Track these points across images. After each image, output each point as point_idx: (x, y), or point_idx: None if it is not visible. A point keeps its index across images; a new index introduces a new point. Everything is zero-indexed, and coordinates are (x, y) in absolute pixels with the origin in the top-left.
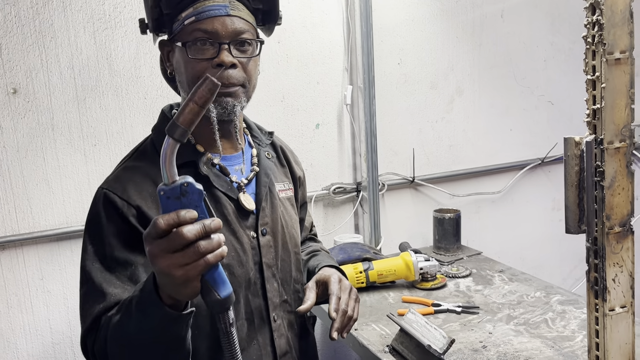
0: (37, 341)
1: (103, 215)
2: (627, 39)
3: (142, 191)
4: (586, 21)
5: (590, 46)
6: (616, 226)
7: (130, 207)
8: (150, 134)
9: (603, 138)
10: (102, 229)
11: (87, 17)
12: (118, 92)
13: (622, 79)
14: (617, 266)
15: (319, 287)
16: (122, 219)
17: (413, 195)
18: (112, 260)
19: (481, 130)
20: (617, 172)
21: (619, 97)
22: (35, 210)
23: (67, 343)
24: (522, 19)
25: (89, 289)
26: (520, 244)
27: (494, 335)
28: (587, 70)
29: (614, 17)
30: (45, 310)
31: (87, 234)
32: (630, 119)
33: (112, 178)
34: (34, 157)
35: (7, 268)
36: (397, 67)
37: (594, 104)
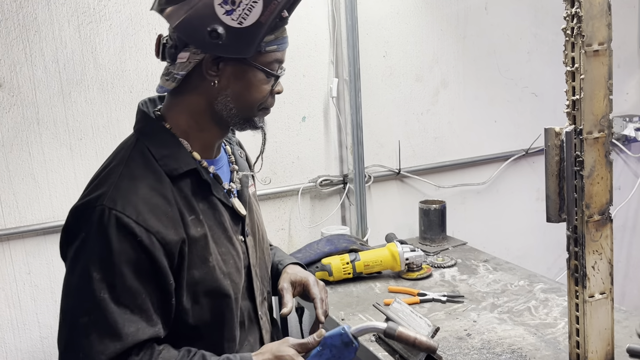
0: (25, 335)
1: (115, 241)
2: (605, 30)
3: (155, 211)
4: (565, 13)
5: (570, 38)
6: (595, 214)
7: (150, 235)
8: (132, 135)
9: (582, 128)
10: (113, 256)
11: (72, 10)
12: (103, 86)
13: (601, 71)
14: (596, 254)
15: (295, 287)
16: (142, 249)
17: (399, 187)
18: (124, 290)
19: (466, 122)
20: (596, 162)
21: (598, 88)
22: (21, 204)
23: (55, 337)
24: (505, 11)
25: (97, 321)
26: (505, 234)
27: (478, 323)
28: (567, 62)
29: (593, 10)
30: (33, 304)
31: (89, 258)
32: (608, 110)
33: (116, 194)
34: (19, 151)
35: None
36: (382, 60)
37: (574, 95)
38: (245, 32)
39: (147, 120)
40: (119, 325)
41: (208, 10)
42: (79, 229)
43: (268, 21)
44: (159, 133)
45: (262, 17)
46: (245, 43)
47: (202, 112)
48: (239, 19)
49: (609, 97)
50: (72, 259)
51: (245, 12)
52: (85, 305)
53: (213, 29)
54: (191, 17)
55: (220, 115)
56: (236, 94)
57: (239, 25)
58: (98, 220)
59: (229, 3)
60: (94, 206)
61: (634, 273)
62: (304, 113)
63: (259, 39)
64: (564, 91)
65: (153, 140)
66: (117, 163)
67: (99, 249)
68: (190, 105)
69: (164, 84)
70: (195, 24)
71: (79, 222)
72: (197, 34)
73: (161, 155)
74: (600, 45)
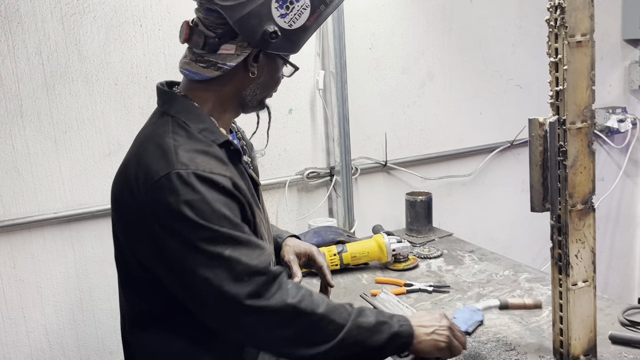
0: (10, 330)
1: (205, 192)
2: (588, 22)
3: (219, 165)
4: (549, 4)
5: (553, 29)
6: (578, 204)
7: (227, 179)
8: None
9: (566, 119)
10: (212, 206)
11: (55, 1)
12: (88, 79)
13: (584, 61)
14: (579, 242)
15: (300, 258)
16: (225, 191)
17: (386, 179)
18: (235, 226)
19: (451, 114)
20: (579, 152)
21: (581, 79)
22: (5, 198)
23: (41, 331)
24: (491, 4)
25: (239, 248)
26: (491, 225)
27: None
28: (550, 53)
29: (576, 1)
30: (19, 299)
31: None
32: (591, 100)
33: (181, 158)
34: (3, 144)
35: None
36: (368, 52)
37: (557, 86)
38: (294, 33)
39: (177, 99)
40: (252, 240)
41: (265, 12)
42: (166, 198)
43: (312, 26)
44: (190, 110)
45: (308, 21)
46: (292, 43)
47: (231, 96)
48: (289, 22)
49: (591, 88)
50: (176, 223)
51: (295, 16)
52: (217, 243)
53: (269, 29)
54: (251, 15)
55: (244, 100)
56: (264, 83)
57: (289, 27)
58: (181, 183)
59: (284, 8)
60: (169, 174)
61: (617, 263)
62: (290, 105)
63: (304, 40)
64: (548, 82)
65: (188, 117)
66: (163, 137)
67: (197, 201)
68: (221, 90)
69: (200, 70)
70: (253, 22)
71: (163, 192)
72: (254, 32)
73: (200, 129)
74: (583, 37)
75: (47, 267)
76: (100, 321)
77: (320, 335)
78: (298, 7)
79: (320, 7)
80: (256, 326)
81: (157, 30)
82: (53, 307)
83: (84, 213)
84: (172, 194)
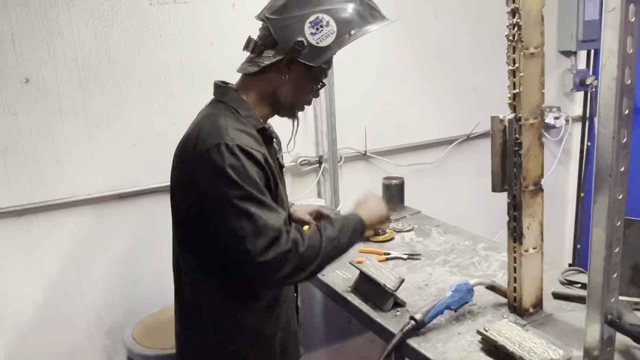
0: (51, 295)
1: (244, 160)
2: (539, 37)
3: (256, 144)
4: (508, 22)
5: (511, 43)
6: (530, 185)
7: (260, 155)
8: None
9: (521, 116)
10: (246, 170)
11: (89, 15)
12: (116, 81)
13: (536, 69)
14: (530, 217)
15: (311, 215)
16: (259, 164)
17: (365, 166)
18: (260, 191)
19: (420, 111)
20: (531, 143)
21: (533, 83)
22: (47, 182)
23: (77, 294)
24: (452, 22)
25: (260, 207)
26: (453, 203)
27: (433, 275)
28: (509, 62)
29: (530, 20)
30: (58, 267)
31: (232, 175)
32: (541, 101)
33: (230, 134)
34: (45, 136)
35: (25, 232)
36: (351, 59)
37: (514, 89)
38: (319, 49)
39: (229, 91)
40: (272, 205)
41: (300, 28)
42: (215, 163)
43: (335, 48)
44: (240, 100)
45: (332, 44)
46: (316, 56)
47: (267, 94)
48: (317, 40)
49: (541, 91)
50: (219, 182)
51: (323, 36)
52: (247, 201)
53: (300, 41)
54: (287, 28)
55: (278, 101)
56: (295, 88)
57: (316, 44)
58: (227, 150)
59: (315, 28)
60: (219, 144)
61: (551, 234)
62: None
63: (326, 57)
64: (507, 86)
65: (238, 105)
66: (216, 117)
67: (238, 167)
68: (261, 87)
69: (248, 67)
70: (288, 33)
71: (212, 159)
72: (288, 40)
73: (245, 115)
74: (536, 49)
75: (81, 240)
76: (125, 285)
77: (308, 260)
78: (326, 31)
79: (345, 35)
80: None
81: (174, 40)
82: (87, 274)
83: (113, 195)
84: (220, 157)
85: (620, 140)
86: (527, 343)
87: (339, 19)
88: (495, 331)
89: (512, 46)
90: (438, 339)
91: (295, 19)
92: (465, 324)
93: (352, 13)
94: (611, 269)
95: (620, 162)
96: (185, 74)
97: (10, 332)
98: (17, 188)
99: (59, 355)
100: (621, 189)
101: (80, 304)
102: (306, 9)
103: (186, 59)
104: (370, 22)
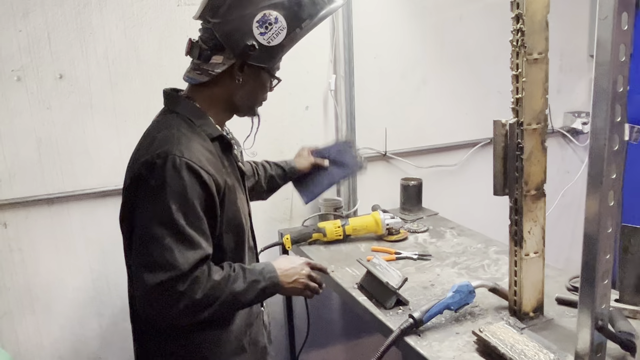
0: (79, 278)
1: (187, 181)
2: (544, 43)
3: (209, 160)
4: (512, 28)
5: (515, 48)
6: (532, 190)
7: (210, 177)
8: (166, 111)
9: (523, 121)
10: (186, 192)
11: (119, 16)
12: (144, 79)
13: (539, 75)
14: (532, 221)
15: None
16: (204, 187)
17: (385, 167)
18: (194, 217)
19: (442, 113)
20: (534, 148)
21: (536, 89)
22: (77, 173)
23: (103, 279)
24: (477, 22)
25: (177, 239)
26: (472, 207)
27: (441, 276)
28: (512, 67)
29: (534, 26)
30: (86, 253)
31: (165, 196)
32: (545, 106)
33: (180, 147)
34: (76, 130)
35: (56, 219)
36: (373, 60)
37: (517, 94)
38: (272, 49)
39: (181, 100)
40: (195, 242)
41: (247, 29)
42: (154, 176)
43: (288, 44)
44: (193, 109)
45: (284, 41)
46: (269, 57)
47: (222, 100)
48: (268, 40)
49: (545, 97)
50: (150, 197)
51: (273, 35)
52: (167, 229)
53: (250, 43)
54: (234, 31)
55: (235, 104)
56: (251, 90)
57: (267, 44)
58: (172, 166)
59: (263, 27)
60: (166, 156)
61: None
62: (307, 103)
63: (281, 56)
64: (510, 90)
65: (191, 114)
66: (169, 129)
67: (176, 187)
68: (215, 94)
69: (195, 77)
70: (236, 37)
71: (153, 171)
72: (237, 45)
73: (200, 124)
74: (539, 55)
75: (108, 228)
76: None
77: (202, 306)
78: (275, 28)
79: (295, 29)
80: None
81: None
82: (112, 260)
83: None
84: (161, 171)
85: (612, 147)
86: (520, 345)
87: (287, 13)
88: (490, 332)
89: (515, 51)
90: (435, 337)
91: (240, 20)
92: (465, 325)
93: (298, 4)
94: (602, 276)
95: (611, 169)
96: None
97: (41, 314)
98: (50, 178)
99: (87, 339)
100: (613, 195)
101: (107, 290)
102: (250, 7)
103: None
104: (319, 10)
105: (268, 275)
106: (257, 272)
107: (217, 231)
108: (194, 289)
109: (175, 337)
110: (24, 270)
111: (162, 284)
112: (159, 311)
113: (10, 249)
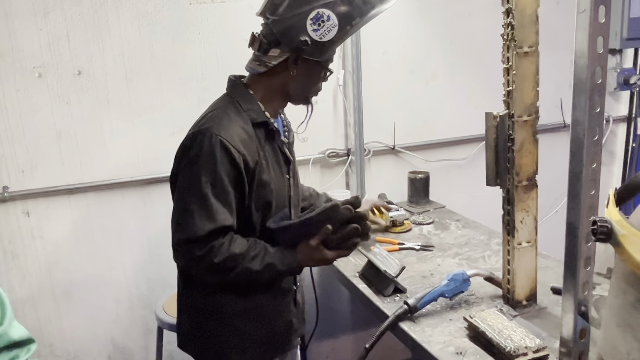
0: (97, 266)
1: (218, 157)
2: (534, 36)
3: (243, 141)
4: (502, 22)
5: (506, 42)
6: (524, 180)
7: (240, 156)
8: (225, 94)
9: (514, 113)
10: (217, 167)
11: (134, 15)
12: (158, 74)
13: (530, 68)
14: (524, 211)
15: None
16: (233, 165)
17: (394, 160)
18: (222, 191)
19: (450, 108)
20: (525, 140)
21: (527, 82)
22: (95, 165)
23: (120, 268)
24: (486, 17)
25: (201, 208)
26: (480, 201)
27: (441, 266)
28: (503, 60)
29: (524, 20)
30: (104, 242)
31: (198, 167)
32: (536, 99)
33: (219, 127)
34: (93, 124)
35: (75, 208)
36: (382, 56)
37: (508, 87)
38: (323, 44)
39: (239, 86)
40: (214, 212)
41: (301, 26)
42: (194, 148)
43: (338, 41)
44: (246, 95)
45: (335, 37)
46: (321, 51)
47: (277, 89)
48: (320, 36)
49: (536, 89)
50: (187, 166)
51: (325, 31)
52: (194, 196)
53: (303, 39)
54: (289, 28)
55: (289, 93)
56: (304, 81)
57: (319, 39)
58: (209, 142)
59: (316, 24)
60: (205, 133)
61: None
62: (316, 98)
63: (332, 50)
64: (502, 83)
65: (242, 99)
66: (219, 109)
67: (208, 160)
68: (270, 84)
69: (255, 67)
70: (291, 33)
71: (194, 143)
72: (292, 40)
73: (247, 108)
74: (530, 48)
75: (125, 219)
76: (164, 262)
77: (222, 270)
78: (328, 26)
79: (346, 27)
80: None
81: (211, 37)
82: (129, 250)
83: (153, 178)
84: (200, 145)
85: (591, 138)
86: (507, 331)
87: (339, 11)
88: (479, 318)
89: (506, 45)
90: (429, 323)
91: (296, 18)
92: (459, 312)
93: (350, 3)
94: (584, 263)
95: (591, 159)
96: (221, 69)
97: (61, 299)
98: (69, 169)
99: (105, 323)
100: (594, 185)
101: (123, 277)
102: (306, 5)
103: (222, 55)
104: (370, 9)
105: (286, 261)
106: (277, 257)
107: (245, 205)
108: (211, 256)
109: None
110: (45, 257)
111: (180, 243)
112: (185, 265)
113: (33, 237)
